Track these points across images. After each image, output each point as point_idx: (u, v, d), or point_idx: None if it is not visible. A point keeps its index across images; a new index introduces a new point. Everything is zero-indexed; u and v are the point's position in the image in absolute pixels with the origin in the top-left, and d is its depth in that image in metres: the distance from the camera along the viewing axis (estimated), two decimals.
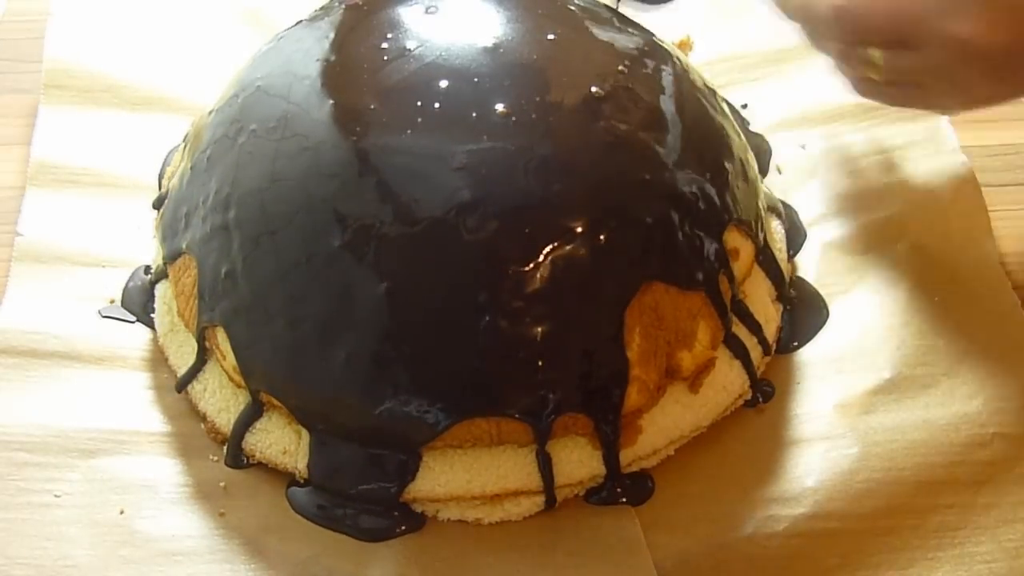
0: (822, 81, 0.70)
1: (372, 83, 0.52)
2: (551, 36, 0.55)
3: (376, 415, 0.49)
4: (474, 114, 0.50)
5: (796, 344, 0.58)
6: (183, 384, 0.55)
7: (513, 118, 0.50)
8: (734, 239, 0.54)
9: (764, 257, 0.57)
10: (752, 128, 0.68)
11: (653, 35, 0.59)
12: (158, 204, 0.61)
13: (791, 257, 0.62)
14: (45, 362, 0.56)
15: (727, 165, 0.55)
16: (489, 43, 0.53)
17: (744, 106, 0.70)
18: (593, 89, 0.52)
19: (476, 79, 0.52)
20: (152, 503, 0.51)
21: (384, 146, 0.50)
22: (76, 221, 0.62)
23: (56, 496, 0.51)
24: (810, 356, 0.58)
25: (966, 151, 0.65)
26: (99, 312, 0.59)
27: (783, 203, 0.64)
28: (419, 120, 0.50)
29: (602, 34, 0.56)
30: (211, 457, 0.53)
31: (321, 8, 0.59)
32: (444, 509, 0.51)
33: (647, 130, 0.52)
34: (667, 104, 0.54)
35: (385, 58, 0.53)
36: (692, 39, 0.72)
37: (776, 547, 0.50)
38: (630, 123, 0.52)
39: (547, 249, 0.48)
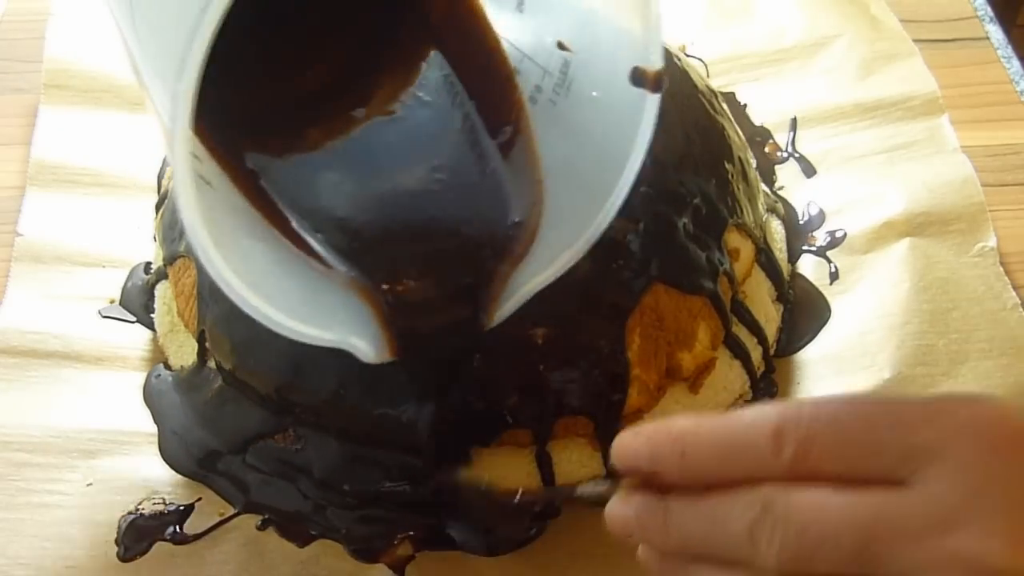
0: (822, 81, 0.71)
1: None
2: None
3: (375, 417, 0.49)
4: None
5: (797, 346, 0.58)
6: None
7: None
8: (734, 239, 0.54)
9: (764, 257, 0.57)
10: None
11: None
12: (159, 206, 0.61)
13: (792, 259, 0.62)
14: (45, 362, 0.56)
15: (727, 166, 0.55)
16: None
17: (744, 106, 0.70)
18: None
19: None
20: (152, 503, 0.51)
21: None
22: (76, 221, 0.62)
23: (57, 496, 0.51)
24: (810, 356, 0.58)
25: (966, 151, 0.65)
26: (99, 312, 0.59)
27: (783, 203, 0.64)
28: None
29: None
30: None
31: None
32: None
33: None
34: (667, 105, 0.53)
35: None
36: (686, 48, 0.72)
37: None
38: None
39: None
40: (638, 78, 0.40)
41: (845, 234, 0.62)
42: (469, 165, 0.45)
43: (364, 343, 0.41)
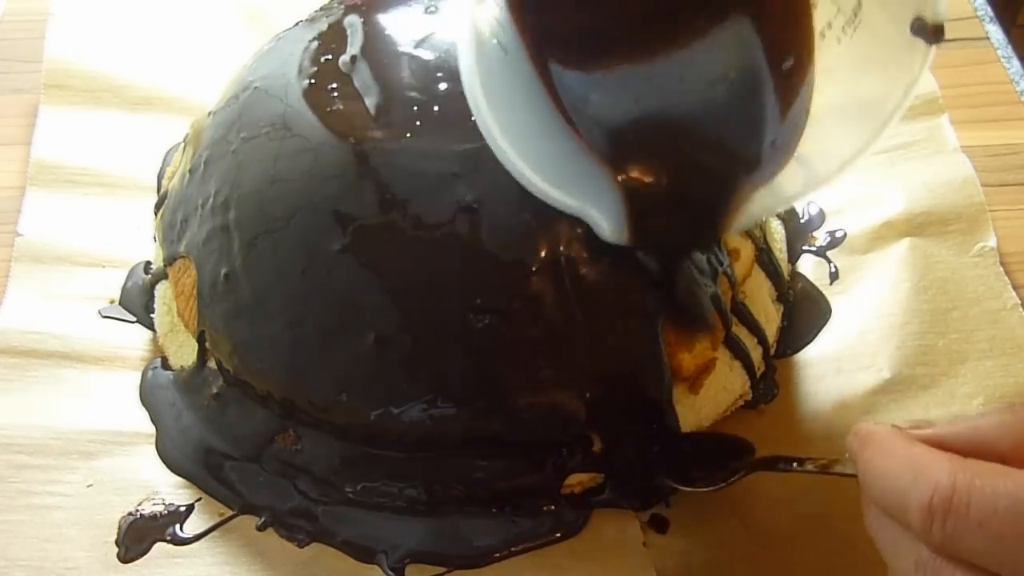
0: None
1: None
2: None
3: (375, 416, 0.49)
4: (473, 116, 0.50)
5: (797, 346, 0.58)
6: None
7: None
8: (734, 239, 0.54)
9: (764, 257, 0.57)
10: None
11: None
12: (159, 206, 0.61)
13: (792, 258, 0.62)
14: (45, 362, 0.56)
15: None
16: None
17: None
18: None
19: None
20: (152, 504, 0.51)
21: (384, 147, 0.50)
22: (76, 221, 0.62)
23: (56, 498, 0.51)
24: (810, 356, 0.58)
25: (966, 151, 0.65)
26: (99, 312, 0.59)
27: None
28: (418, 122, 0.50)
29: None
30: None
31: (321, 8, 0.59)
32: None
33: None
34: None
35: (384, 60, 0.53)
36: None
37: (776, 547, 0.50)
38: None
39: (547, 252, 0.48)
40: (918, 28, 0.43)
41: (845, 234, 0.62)
42: (743, 86, 0.47)
43: (604, 220, 0.45)
